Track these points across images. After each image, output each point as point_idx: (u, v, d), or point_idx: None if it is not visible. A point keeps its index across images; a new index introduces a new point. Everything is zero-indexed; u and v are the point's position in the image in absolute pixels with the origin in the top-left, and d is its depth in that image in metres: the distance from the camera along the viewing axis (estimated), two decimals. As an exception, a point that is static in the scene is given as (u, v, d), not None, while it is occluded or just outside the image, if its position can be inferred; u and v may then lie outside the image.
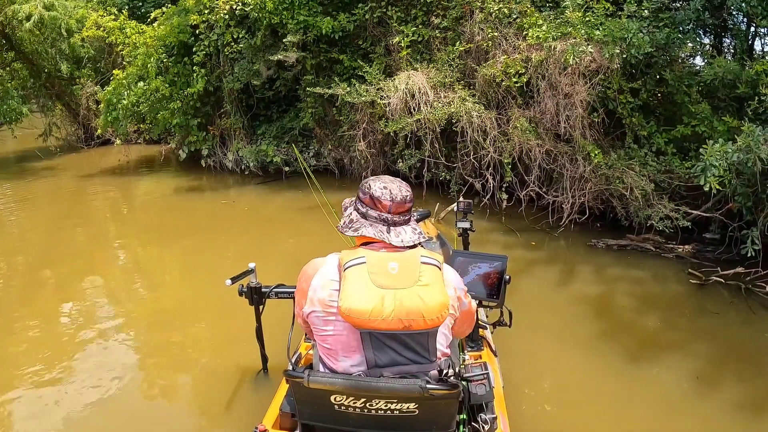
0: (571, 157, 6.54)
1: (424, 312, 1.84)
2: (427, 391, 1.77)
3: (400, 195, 2.01)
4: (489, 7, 7.15)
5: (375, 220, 2.00)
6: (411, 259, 1.92)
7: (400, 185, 2.05)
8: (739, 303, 4.79)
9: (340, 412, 1.87)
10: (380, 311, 1.81)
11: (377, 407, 1.83)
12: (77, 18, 13.24)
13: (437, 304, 1.86)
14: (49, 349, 4.26)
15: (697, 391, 3.64)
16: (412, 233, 2.01)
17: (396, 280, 1.86)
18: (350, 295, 1.83)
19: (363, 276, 1.86)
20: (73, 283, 5.69)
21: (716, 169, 4.74)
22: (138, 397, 3.69)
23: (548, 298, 4.97)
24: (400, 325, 1.83)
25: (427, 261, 1.93)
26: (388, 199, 1.99)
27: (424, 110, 7.13)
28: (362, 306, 1.81)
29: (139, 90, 9.88)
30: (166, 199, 9.15)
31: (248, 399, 3.52)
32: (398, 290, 1.84)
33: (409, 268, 1.89)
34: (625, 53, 5.97)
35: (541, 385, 3.66)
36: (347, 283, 1.86)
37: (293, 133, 9.57)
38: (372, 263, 1.88)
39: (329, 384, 1.83)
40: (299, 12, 8.40)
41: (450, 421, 1.92)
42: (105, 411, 3.50)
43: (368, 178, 2.10)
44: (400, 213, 2.02)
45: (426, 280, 1.88)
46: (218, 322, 4.64)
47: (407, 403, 1.82)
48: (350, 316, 1.82)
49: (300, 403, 1.97)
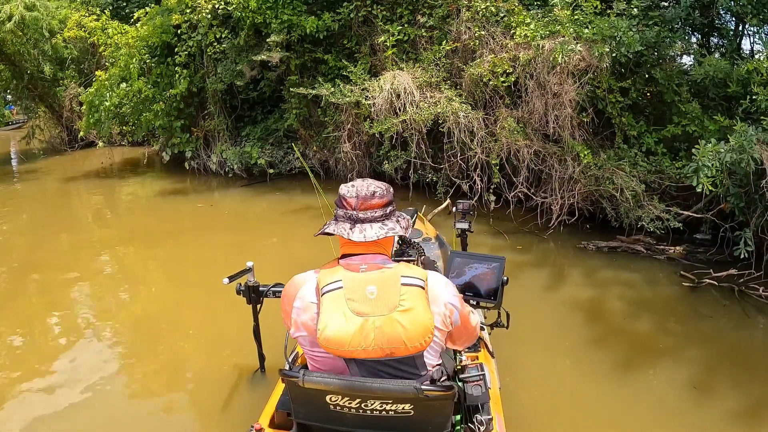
0: (560, 157, 6.42)
1: (406, 339, 1.75)
2: (422, 392, 1.74)
3: (366, 190, 1.92)
4: (476, 6, 7.04)
5: (342, 219, 1.93)
6: (390, 281, 1.80)
7: (371, 183, 1.96)
8: (732, 305, 4.69)
9: (335, 412, 1.84)
10: (359, 341, 1.74)
11: (372, 408, 1.80)
12: (60, 18, 13.14)
13: (420, 330, 1.76)
14: (34, 354, 4.21)
15: (691, 397, 3.53)
16: (379, 229, 1.90)
17: (375, 306, 1.76)
18: (328, 324, 1.75)
19: (340, 303, 1.76)
20: (57, 288, 5.58)
21: (709, 170, 4.65)
22: (132, 400, 3.64)
23: (537, 302, 4.84)
24: (381, 353, 1.76)
25: (409, 282, 1.80)
26: (353, 195, 1.92)
27: (409, 111, 7.00)
28: (340, 336, 1.74)
29: (121, 91, 9.77)
30: (151, 202, 9.08)
31: (246, 398, 3.50)
32: (377, 317, 1.75)
33: (388, 292, 1.78)
34: (615, 52, 5.88)
35: (533, 388, 3.55)
36: (324, 311, 1.77)
37: (278, 134, 9.46)
38: (349, 288, 1.78)
39: (324, 384, 1.80)
40: (283, 11, 8.26)
41: (445, 421, 1.89)
42: (97, 414, 3.45)
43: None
44: (367, 209, 1.91)
45: (407, 304, 1.77)
46: (210, 323, 4.59)
47: (402, 404, 1.79)
48: (329, 346, 1.76)
49: (295, 402, 1.94)
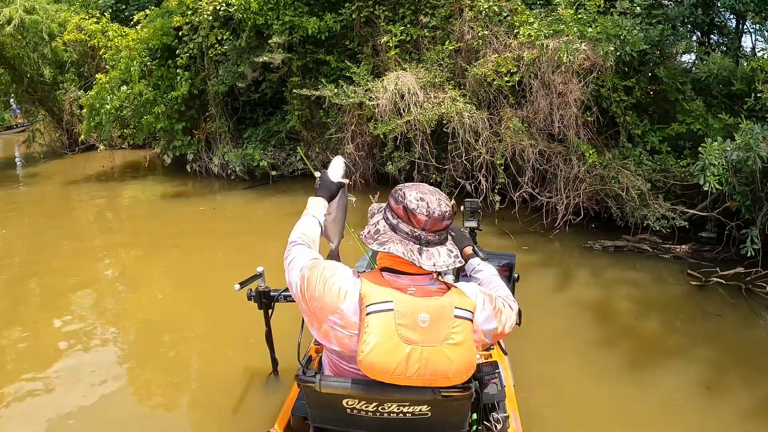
0: (564, 157, 6.41)
1: (451, 374, 1.69)
2: (439, 393, 1.72)
3: (439, 210, 1.74)
4: (479, 5, 7.01)
5: (406, 236, 1.75)
6: (444, 310, 1.69)
7: (440, 198, 1.78)
8: (739, 304, 4.68)
9: (352, 416, 1.82)
10: (404, 369, 1.65)
11: (389, 410, 1.78)
12: (59, 22, 13.11)
13: (465, 365, 1.71)
14: (36, 358, 4.17)
15: (700, 396, 3.52)
16: (447, 256, 1.76)
17: (425, 335, 1.66)
18: (373, 349, 1.64)
19: (389, 327, 1.64)
20: (59, 292, 5.54)
21: (715, 168, 4.64)
22: (139, 406, 3.62)
23: (544, 302, 4.82)
24: (421, 382, 1.69)
25: (461, 315, 1.71)
26: (424, 214, 1.73)
27: (413, 111, 6.98)
28: (385, 364, 1.64)
29: (122, 94, 9.73)
30: (152, 206, 9.06)
31: (260, 402, 3.49)
32: (426, 347, 1.66)
33: (441, 322, 1.68)
34: (619, 51, 5.86)
35: (541, 388, 3.54)
36: (370, 333, 1.64)
37: (280, 136, 9.43)
38: (400, 311, 1.66)
39: (341, 388, 1.77)
40: (285, 12, 8.23)
41: (463, 421, 1.88)
42: (103, 420, 3.44)
43: (403, 185, 1.83)
44: (436, 231, 1.76)
45: (458, 338, 1.68)
46: (216, 327, 4.58)
47: (419, 406, 1.77)
48: (372, 371, 1.66)
49: (312, 406, 1.93)
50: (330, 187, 2.26)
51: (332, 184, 2.27)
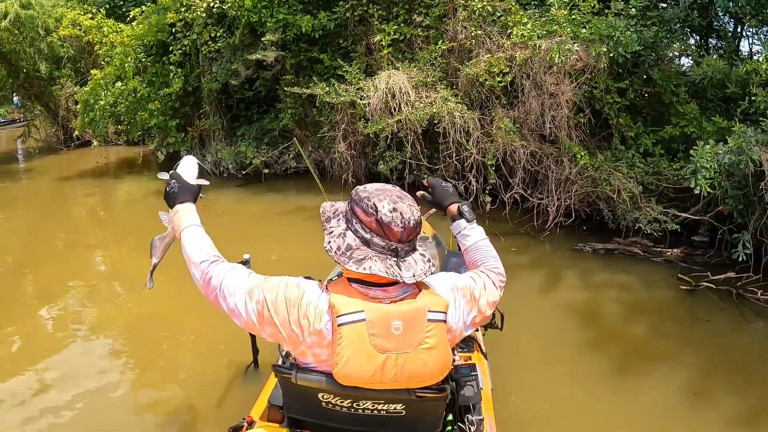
0: (556, 158, 6.35)
1: (427, 376, 1.67)
2: (413, 393, 1.71)
3: (413, 219, 1.66)
4: (473, 5, 6.96)
5: (381, 251, 1.65)
6: (417, 315, 1.64)
7: (410, 204, 1.69)
8: (730, 309, 4.63)
9: (327, 409, 1.80)
10: (380, 377, 1.62)
11: (364, 407, 1.75)
12: (56, 17, 13.04)
13: (440, 366, 1.68)
14: (28, 354, 4.16)
15: (687, 402, 3.48)
16: (422, 263, 1.69)
17: (399, 342, 1.62)
18: (348, 362, 1.60)
19: (362, 339, 1.59)
20: (52, 288, 5.51)
21: (707, 171, 4.59)
22: (125, 394, 3.65)
23: (533, 304, 4.77)
24: (398, 386, 1.66)
25: (435, 318, 1.65)
26: (399, 226, 1.64)
27: (405, 110, 6.92)
28: (361, 374, 1.61)
29: (116, 90, 9.72)
30: (146, 202, 8.99)
31: (239, 392, 3.51)
32: (401, 354, 1.62)
33: (415, 328, 1.63)
34: (612, 52, 5.80)
35: (525, 391, 3.49)
36: (344, 346, 1.59)
37: (273, 134, 9.37)
38: (373, 321, 1.60)
39: (316, 382, 1.73)
40: (279, 10, 8.18)
41: (437, 421, 1.87)
42: (91, 410, 3.45)
43: (366, 192, 1.72)
44: (410, 240, 1.69)
45: (432, 342, 1.65)
46: (203, 320, 4.52)
47: (394, 404, 1.74)
48: (348, 381, 1.63)
49: (288, 396, 1.92)
50: (191, 189, 2.10)
51: (192, 185, 2.10)
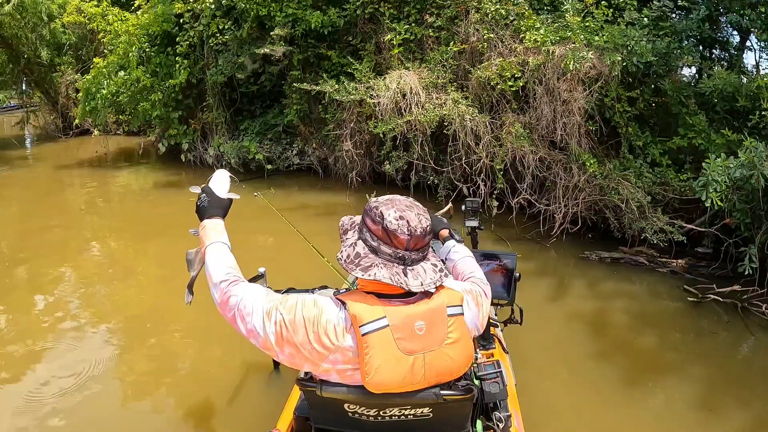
0: (565, 165, 6.34)
1: (454, 369, 1.69)
2: (441, 398, 1.70)
3: (420, 227, 1.66)
4: (485, 8, 6.93)
5: (389, 258, 1.66)
6: (438, 312, 1.66)
7: (419, 213, 1.69)
8: (735, 322, 4.64)
9: (353, 419, 1.79)
10: (411, 379, 1.63)
11: (391, 414, 1.74)
12: (59, 3, 12.96)
13: (465, 359, 1.71)
14: (21, 350, 4.07)
15: (692, 415, 3.48)
16: (432, 272, 1.69)
17: (424, 342, 1.64)
18: (378, 370, 1.60)
19: (389, 344, 1.60)
20: (46, 279, 5.45)
21: (718, 185, 4.59)
22: (133, 398, 3.57)
23: (537, 312, 4.67)
24: (427, 384, 1.67)
25: (454, 312, 1.69)
26: (405, 233, 1.65)
27: (415, 111, 6.90)
28: (393, 379, 1.62)
29: (119, 80, 9.64)
30: (144, 194, 8.99)
31: (262, 398, 3.47)
32: (427, 353, 1.64)
33: (437, 325, 1.65)
34: (626, 61, 5.80)
35: (529, 400, 3.47)
36: (374, 355, 1.59)
37: (277, 129, 9.32)
38: (396, 326, 1.61)
39: (341, 394, 1.73)
40: (288, 5, 8.14)
41: (464, 421, 1.86)
42: (91, 414, 3.35)
43: (377, 202, 1.73)
44: (419, 249, 1.69)
45: (454, 336, 1.67)
46: (211, 319, 4.42)
47: (421, 408, 1.73)
48: (380, 389, 1.63)
49: (314, 409, 1.91)
50: (222, 204, 2.08)
51: (222, 200, 2.08)
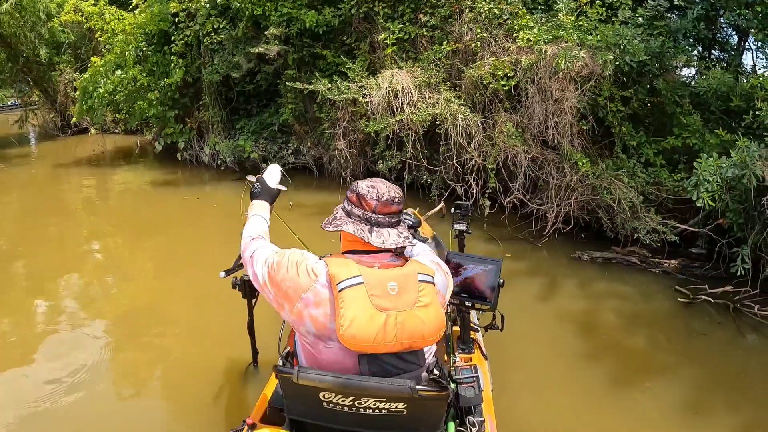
0: (557, 164, 6.30)
1: (425, 333, 1.83)
2: (416, 392, 1.76)
3: (387, 195, 1.95)
4: (479, 7, 6.90)
5: (358, 219, 1.94)
6: (409, 277, 1.86)
7: (390, 187, 1.99)
8: (727, 323, 4.59)
9: (328, 410, 1.86)
10: (383, 337, 1.77)
11: (366, 405, 1.81)
12: (58, 2, 12.98)
13: (437, 324, 1.85)
14: (18, 346, 4.12)
15: (681, 417, 3.44)
16: (396, 236, 1.94)
17: (396, 302, 1.80)
18: (352, 322, 1.75)
19: (363, 299, 1.77)
20: (43, 277, 5.48)
21: (710, 185, 4.55)
22: (119, 393, 3.62)
23: (528, 311, 4.72)
24: (401, 347, 1.81)
25: (425, 279, 1.88)
26: (373, 198, 1.94)
27: (407, 110, 6.87)
28: (366, 333, 1.75)
29: (116, 78, 9.67)
30: (141, 192, 9.00)
31: (238, 393, 3.53)
32: (399, 312, 1.79)
33: (408, 288, 1.84)
34: (619, 60, 5.76)
35: (521, 399, 3.48)
36: (347, 308, 1.76)
37: (272, 128, 9.32)
38: (370, 284, 1.80)
39: (318, 381, 1.80)
40: (283, 4, 8.13)
41: (438, 422, 1.92)
42: (84, 408, 3.41)
43: (359, 179, 2.05)
44: (386, 214, 1.95)
45: (425, 300, 1.84)
46: (197, 316, 4.55)
47: (396, 403, 1.81)
48: (353, 343, 1.76)
49: (288, 398, 1.96)
50: (271, 192, 2.40)
51: (272, 189, 2.39)
